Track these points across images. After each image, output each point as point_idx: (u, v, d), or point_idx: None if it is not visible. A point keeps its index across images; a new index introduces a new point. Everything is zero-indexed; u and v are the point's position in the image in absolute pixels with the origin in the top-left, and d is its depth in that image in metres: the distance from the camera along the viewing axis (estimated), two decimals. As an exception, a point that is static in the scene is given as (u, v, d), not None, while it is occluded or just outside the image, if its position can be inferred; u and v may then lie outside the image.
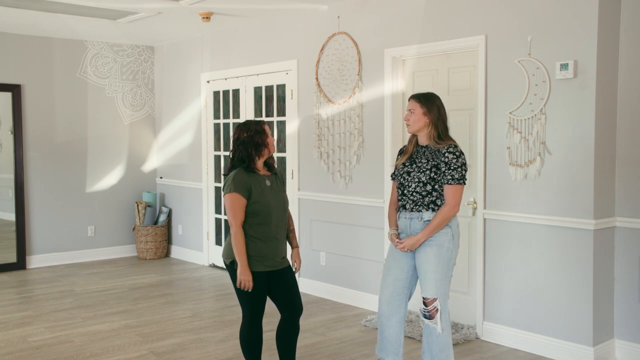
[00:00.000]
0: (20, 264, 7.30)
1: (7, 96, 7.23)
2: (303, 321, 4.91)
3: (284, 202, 3.63)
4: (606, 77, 4.14)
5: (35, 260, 7.44)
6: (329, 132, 5.83)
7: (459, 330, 4.78)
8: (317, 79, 5.92)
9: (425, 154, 3.64)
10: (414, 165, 3.64)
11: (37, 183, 7.42)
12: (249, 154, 3.52)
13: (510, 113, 4.46)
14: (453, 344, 4.53)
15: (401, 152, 3.82)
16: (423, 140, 3.69)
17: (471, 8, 4.70)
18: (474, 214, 4.80)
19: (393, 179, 3.79)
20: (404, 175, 3.66)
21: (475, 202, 4.78)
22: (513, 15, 4.44)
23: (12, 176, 7.29)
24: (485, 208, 4.67)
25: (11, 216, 7.31)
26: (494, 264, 4.65)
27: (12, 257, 7.28)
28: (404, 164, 3.70)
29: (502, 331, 4.62)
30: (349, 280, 5.77)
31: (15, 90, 7.23)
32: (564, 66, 4.14)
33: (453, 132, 4.93)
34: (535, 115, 4.32)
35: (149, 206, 7.97)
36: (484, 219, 4.68)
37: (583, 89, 4.11)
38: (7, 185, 7.35)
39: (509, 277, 4.56)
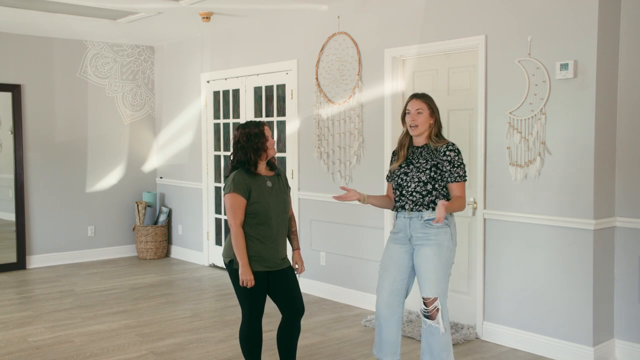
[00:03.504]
0: (20, 264, 7.30)
1: (7, 96, 7.23)
2: (303, 321, 4.91)
3: (285, 203, 3.63)
4: (606, 77, 4.14)
5: (35, 260, 7.44)
6: (329, 132, 5.83)
7: (459, 330, 4.78)
8: (317, 79, 5.92)
9: (423, 154, 3.66)
10: (411, 166, 3.66)
11: (37, 183, 7.42)
12: (249, 159, 3.52)
13: (510, 113, 4.46)
14: (453, 344, 4.54)
15: (394, 155, 3.84)
16: (420, 141, 3.70)
17: (471, 8, 4.70)
18: (474, 214, 4.80)
19: (389, 180, 3.81)
20: (402, 176, 3.67)
21: (475, 202, 4.78)
22: (513, 15, 4.44)
23: (12, 176, 7.29)
24: (485, 208, 4.66)
25: (11, 216, 7.31)
26: (494, 264, 4.65)
27: (12, 257, 7.28)
28: (400, 166, 3.71)
29: (502, 331, 4.62)
30: (349, 280, 5.77)
31: (15, 90, 7.23)
32: (564, 66, 4.14)
33: (453, 132, 4.97)
34: (535, 115, 4.32)
35: (149, 206, 7.97)
36: (484, 219, 4.68)
37: (583, 89, 4.11)
38: (7, 185, 7.35)
39: (509, 277, 4.56)
